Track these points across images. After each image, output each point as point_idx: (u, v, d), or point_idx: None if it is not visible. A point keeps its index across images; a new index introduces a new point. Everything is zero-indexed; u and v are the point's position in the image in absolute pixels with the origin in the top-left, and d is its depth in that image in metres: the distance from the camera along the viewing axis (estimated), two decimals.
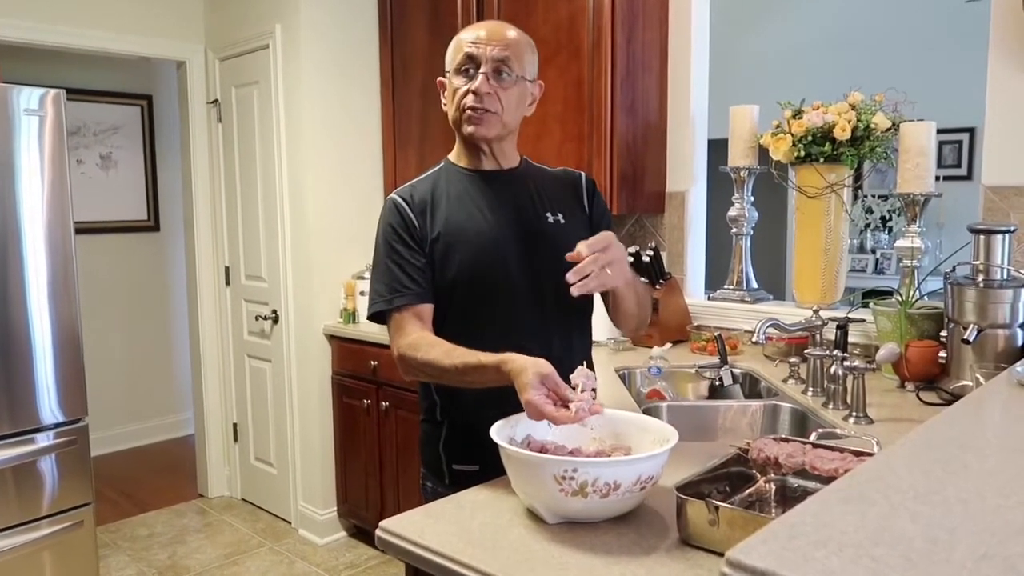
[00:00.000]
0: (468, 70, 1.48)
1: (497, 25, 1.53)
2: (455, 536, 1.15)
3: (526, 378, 1.24)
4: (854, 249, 5.80)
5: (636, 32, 2.68)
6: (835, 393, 1.81)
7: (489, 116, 1.48)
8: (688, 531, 1.10)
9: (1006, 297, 1.75)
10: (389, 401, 3.08)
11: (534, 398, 1.22)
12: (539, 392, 1.22)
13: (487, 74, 1.46)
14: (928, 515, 0.79)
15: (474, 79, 1.47)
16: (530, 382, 1.23)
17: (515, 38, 1.50)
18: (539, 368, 1.25)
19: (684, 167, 2.81)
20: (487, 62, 1.46)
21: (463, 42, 1.49)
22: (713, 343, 2.39)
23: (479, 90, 1.46)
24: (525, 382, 1.24)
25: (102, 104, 4.59)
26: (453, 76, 1.50)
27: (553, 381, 1.24)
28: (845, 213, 2.43)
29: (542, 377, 1.24)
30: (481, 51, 1.46)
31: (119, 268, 4.71)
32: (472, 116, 1.48)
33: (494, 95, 1.47)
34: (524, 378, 1.24)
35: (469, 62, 1.47)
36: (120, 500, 3.94)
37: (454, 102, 1.50)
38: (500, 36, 1.48)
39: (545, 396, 1.23)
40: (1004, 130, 2.07)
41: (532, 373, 1.24)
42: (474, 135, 1.50)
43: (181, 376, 4.83)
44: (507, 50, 1.47)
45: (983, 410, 1.24)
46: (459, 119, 1.51)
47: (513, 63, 1.48)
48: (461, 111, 1.49)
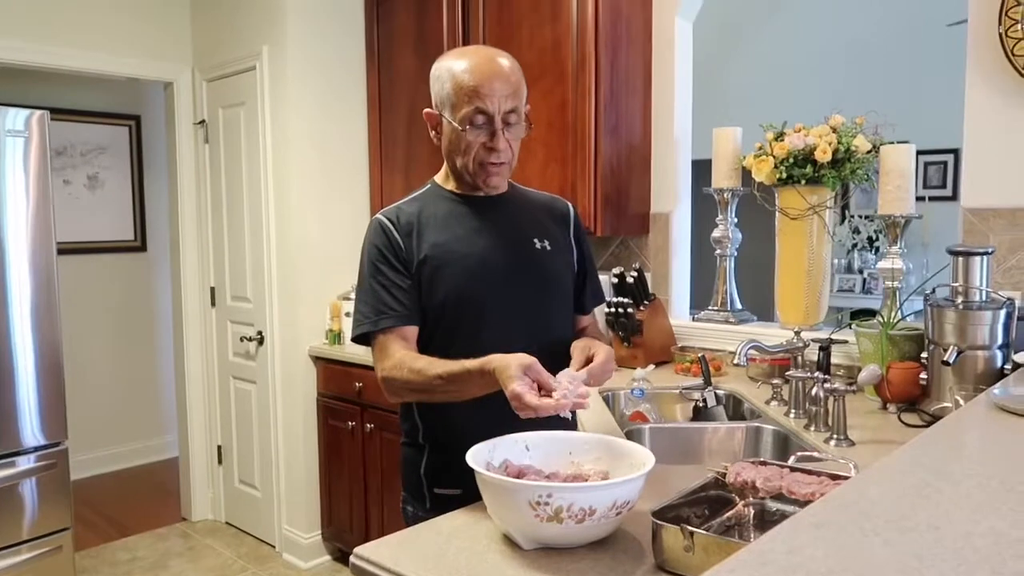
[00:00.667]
0: (480, 123, 1.44)
1: (494, 62, 1.46)
2: (430, 563, 1.13)
3: (510, 371, 1.26)
4: (842, 269, 5.83)
5: (620, 55, 2.71)
6: (816, 415, 1.81)
7: (504, 168, 1.49)
8: (663, 557, 1.09)
9: (985, 319, 1.75)
10: (374, 423, 3.06)
11: (518, 387, 1.23)
12: (523, 382, 1.24)
13: (501, 130, 1.44)
14: (899, 541, 0.79)
15: (491, 135, 1.44)
16: (514, 374, 1.25)
17: (516, 79, 1.46)
18: (521, 360, 1.27)
19: (668, 188, 2.82)
20: (499, 114, 1.43)
21: (466, 89, 1.42)
22: (697, 364, 2.39)
23: (499, 146, 1.45)
24: (509, 375, 1.26)
25: (89, 124, 4.59)
26: (467, 130, 1.44)
27: (536, 371, 1.27)
28: (827, 234, 2.44)
29: (525, 368, 1.26)
30: (492, 105, 1.42)
31: (105, 289, 4.69)
32: (492, 174, 1.48)
33: (508, 147, 1.47)
34: (507, 372, 1.26)
35: (480, 116, 1.43)
36: (102, 524, 3.89)
37: (468, 155, 1.46)
38: (505, 81, 1.43)
39: (529, 386, 1.24)
40: (982, 152, 2.09)
41: (515, 366, 1.26)
42: (489, 185, 1.50)
43: (166, 398, 4.80)
44: (515, 99, 1.45)
45: (959, 433, 1.24)
46: (474, 170, 1.48)
47: (520, 107, 1.47)
48: (479, 166, 1.47)
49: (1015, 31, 1.97)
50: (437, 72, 1.49)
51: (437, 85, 1.49)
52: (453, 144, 1.49)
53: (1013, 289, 2.02)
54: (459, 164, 1.50)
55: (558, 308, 1.59)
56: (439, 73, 1.48)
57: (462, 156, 1.48)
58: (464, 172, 1.50)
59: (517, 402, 1.24)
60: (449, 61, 1.48)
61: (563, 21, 2.68)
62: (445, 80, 1.46)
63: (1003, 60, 2.00)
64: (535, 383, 1.27)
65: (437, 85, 1.49)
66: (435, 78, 1.49)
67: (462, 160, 1.48)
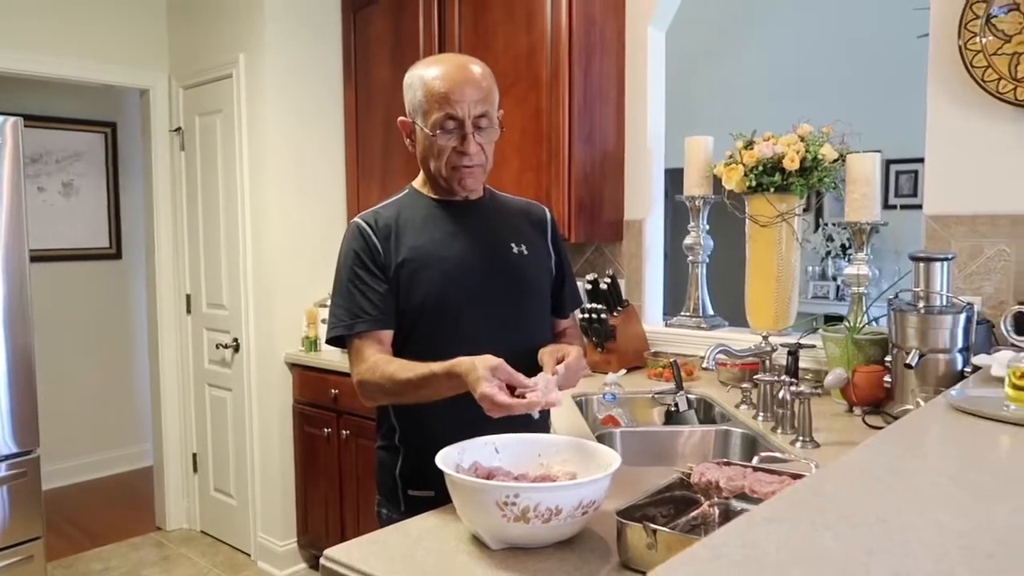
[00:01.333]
0: (451, 128, 1.46)
1: (464, 68, 1.48)
2: (400, 564, 1.15)
3: (477, 373, 1.27)
4: (816, 276, 5.91)
5: (593, 64, 2.74)
6: (783, 418, 1.84)
7: (478, 170, 1.51)
8: (628, 555, 1.11)
9: (946, 323, 1.80)
10: (350, 430, 3.06)
11: (486, 389, 1.25)
12: (491, 384, 1.26)
13: (472, 133, 1.46)
14: (849, 535, 0.81)
15: (463, 139, 1.46)
16: (482, 376, 1.26)
17: (487, 84, 1.48)
18: (487, 362, 1.28)
19: (641, 196, 2.86)
20: (468, 119, 1.45)
21: (437, 94, 1.45)
22: (669, 369, 2.42)
23: (469, 150, 1.47)
24: (476, 377, 1.27)
25: (65, 131, 4.56)
26: (438, 135, 1.46)
27: (504, 371, 1.28)
28: (796, 241, 2.48)
29: (492, 369, 1.27)
30: (461, 110, 1.44)
31: (80, 296, 4.65)
32: (465, 176, 1.50)
33: (480, 150, 1.49)
34: (474, 374, 1.28)
35: (450, 121, 1.45)
36: (75, 533, 3.84)
37: (440, 160, 1.48)
38: (474, 86, 1.46)
39: (498, 387, 1.26)
40: (943, 161, 2.15)
41: (482, 367, 1.27)
42: (464, 188, 1.52)
43: (140, 406, 4.76)
44: (485, 103, 1.47)
45: (915, 433, 1.27)
46: (448, 175, 1.50)
47: (491, 111, 1.49)
48: (452, 168, 1.49)
49: (973, 43, 2.03)
50: (409, 80, 1.52)
51: (410, 93, 1.51)
52: (426, 150, 1.51)
53: (973, 294, 2.07)
54: (433, 168, 1.52)
55: (535, 312, 1.61)
56: (411, 81, 1.51)
57: (435, 160, 1.50)
58: (439, 176, 1.52)
59: (487, 403, 1.26)
60: (420, 69, 1.50)
61: (537, 30, 2.71)
62: (417, 88, 1.49)
63: (963, 72, 2.05)
64: (504, 383, 1.28)
65: (410, 93, 1.51)
66: (407, 86, 1.52)
67: (435, 164, 1.51)
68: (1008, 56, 2.00)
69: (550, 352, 1.47)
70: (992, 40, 2.02)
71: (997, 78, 2.01)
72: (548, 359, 1.44)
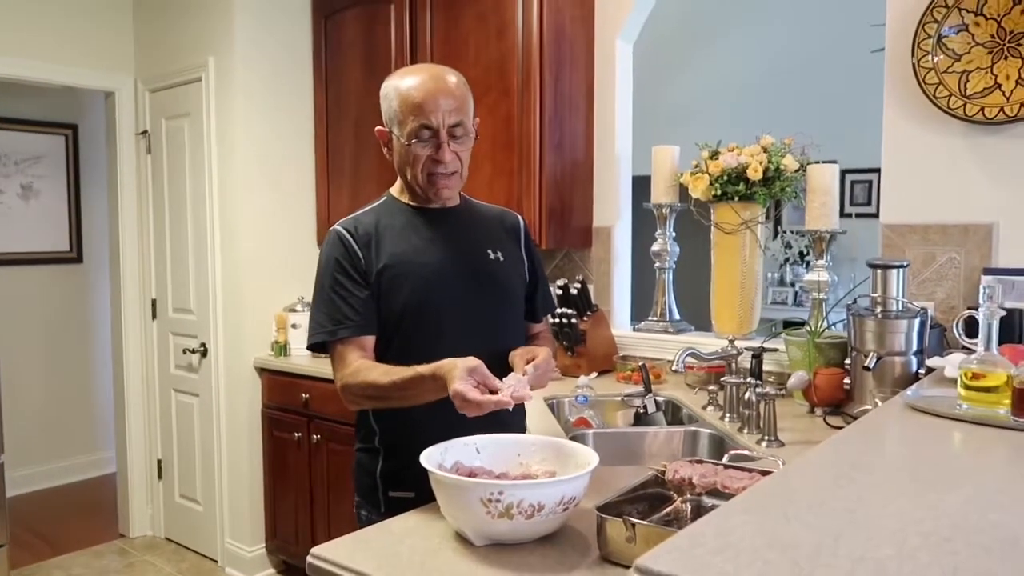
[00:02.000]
0: (426, 137, 1.49)
1: (440, 79, 1.52)
2: (386, 560, 1.18)
3: (455, 372, 1.32)
4: (775, 282, 6.06)
5: (563, 74, 2.80)
6: (749, 418, 1.91)
7: (454, 178, 1.55)
8: (608, 548, 1.16)
9: (902, 327, 1.89)
10: (321, 434, 3.07)
11: (459, 386, 1.30)
12: (466, 382, 1.31)
13: (446, 142, 1.50)
14: (816, 523, 0.87)
15: (437, 148, 1.50)
16: (458, 375, 1.31)
17: (461, 92, 1.53)
18: (467, 363, 1.34)
19: (610, 203, 2.93)
20: (443, 127, 1.49)
21: (411, 105, 1.48)
22: (638, 372, 2.48)
23: (444, 158, 1.50)
24: (453, 376, 1.32)
25: (24, 133, 4.48)
26: (413, 144, 1.50)
27: (481, 373, 1.33)
28: (759, 248, 2.57)
29: (470, 370, 1.33)
30: (436, 119, 1.48)
31: (39, 300, 4.57)
32: (441, 184, 1.54)
33: (455, 158, 1.52)
34: (453, 373, 1.33)
35: (425, 130, 1.49)
36: (35, 542, 3.77)
37: (417, 168, 1.52)
38: (449, 95, 1.50)
39: (472, 386, 1.31)
40: (898, 172, 2.25)
41: (461, 367, 1.33)
42: (440, 196, 1.57)
43: (102, 412, 4.69)
44: (459, 113, 1.51)
45: (874, 431, 1.35)
46: (424, 183, 1.54)
47: (466, 120, 1.53)
48: (427, 176, 1.53)
49: (926, 61, 2.13)
50: (385, 91, 1.55)
51: (385, 104, 1.55)
52: (403, 159, 1.55)
53: (927, 299, 2.17)
54: (410, 177, 1.56)
55: (511, 316, 1.65)
56: (387, 92, 1.55)
57: (411, 168, 1.54)
58: (415, 185, 1.56)
59: (459, 400, 1.30)
60: (396, 80, 1.55)
61: (509, 39, 2.76)
62: (392, 98, 1.53)
63: (916, 88, 2.15)
64: (480, 384, 1.33)
65: (385, 104, 1.55)
66: (384, 97, 1.56)
67: (412, 172, 1.54)
68: (958, 74, 2.10)
69: (520, 354, 1.52)
70: (943, 59, 2.12)
71: (948, 95, 2.11)
72: (518, 360, 1.49)
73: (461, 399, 1.30)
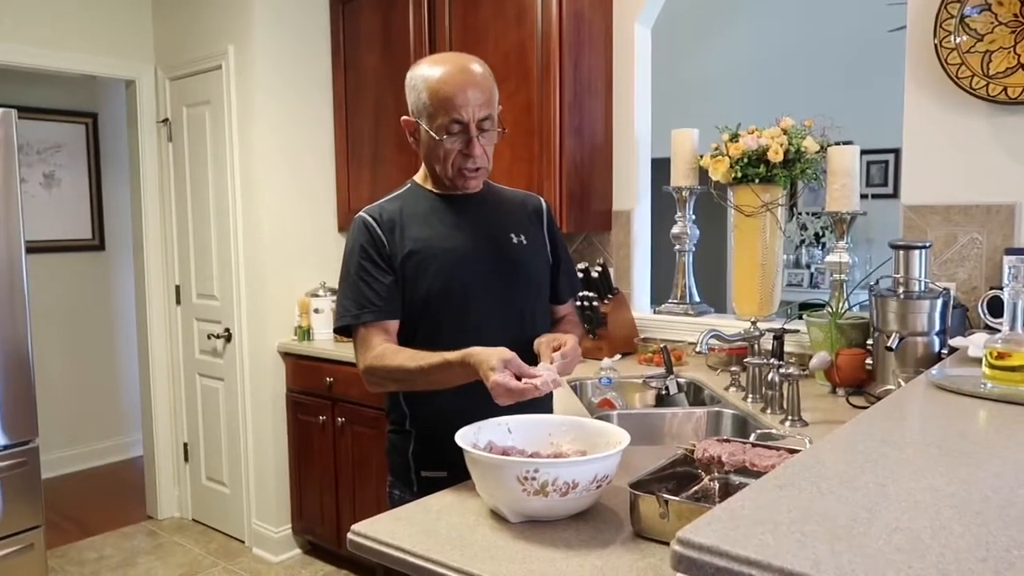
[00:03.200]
0: (456, 131, 1.51)
1: (468, 70, 1.53)
2: (424, 536, 1.22)
3: (491, 363, 1.35)
4: (790, 264, 6.05)
5: (582, 58, 2.81)
6: (772, 399, 1.94)
7: (481, 171, 1.58)
8: (641, 524, 1.19)
9: (924, 307, 1.90)
10: (345, 417, 3.12)
11: (500, 379, 1.33)
12: (504, 374, 1.33)
13: (477, 136, 1.52)
14: (850, 498, 0.90)
15: (467, 143, 1.52)
16: (495, 366, 1.34)
17: (489, 84, 1.54)
18: (501, 354, 1.37)
19: (629, 187, 2.94)
20: (473, 121, 1.51)
21: (442, 98, 1.49)
22: (659, 354, 2.51)
23: (475, 153, 1.53)
24: (490, 367, 1.35)
25: (45, 122, 4.53)
26: (444, 139, 1.52)
27: (516, 364, 1.36)
28: (779, 230, 2.58)
29: (505, 362, 1.35)
30: (467, 115, 1.50)
31: (63, 287, 4.63)
32: (469, 178, 1.56)
33: (484, 153, 1.55)
34: (487, 365, 1.36)
35: (456, 126, 1.51)
36: (66, 524, 3.86)
37: (446, 162, 1.54)
38: (478, 88, 1.51)
39: (509, 377, 1.34)
40: (920, 153, 2.25)
41: (496, 359, 1.36)
42: (468, 188, 1.59)
43: (128, 397, 4.76)
44: (488, 107, 1.52)
45: (901, 409, 1.37)
46: (453, 176, 1.56)
47: (493, 113, 1.55)
48: (457, 171, 1.55)
49: (948, 42, 2.13)
50: (412, 81, 1.56)
51: (413, 95, 1.56)
52: (431, 151, 1.57)
53: (948, 280, 2.18)
54: (439, 171, 1.58)
55: (535, 300, 1.68)
56: (415, 83, 1.55)
57: (441, 164, 1.56)
58: (444, 177, 1.59)
59: (500, 390, 1.33)
60: (423, 69, 1.55)
61: (528, 25, 2.77)
62: (421, 90, 1.53)
63: (938, 68, 2.15)
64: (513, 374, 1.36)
65: (413, 95, 1.56)
66: (411, 87, 1.56)
67: (441, 167, 1.57)
68: (980, 54, 2.10)
69: (546, 342, 1.54)
70: (966, 39, 2.12)
71: (970, 75, 2.11)
72: (545, 348, 1.52)
73: (503, 389, 1.33)
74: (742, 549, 0.76)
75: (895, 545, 0.76)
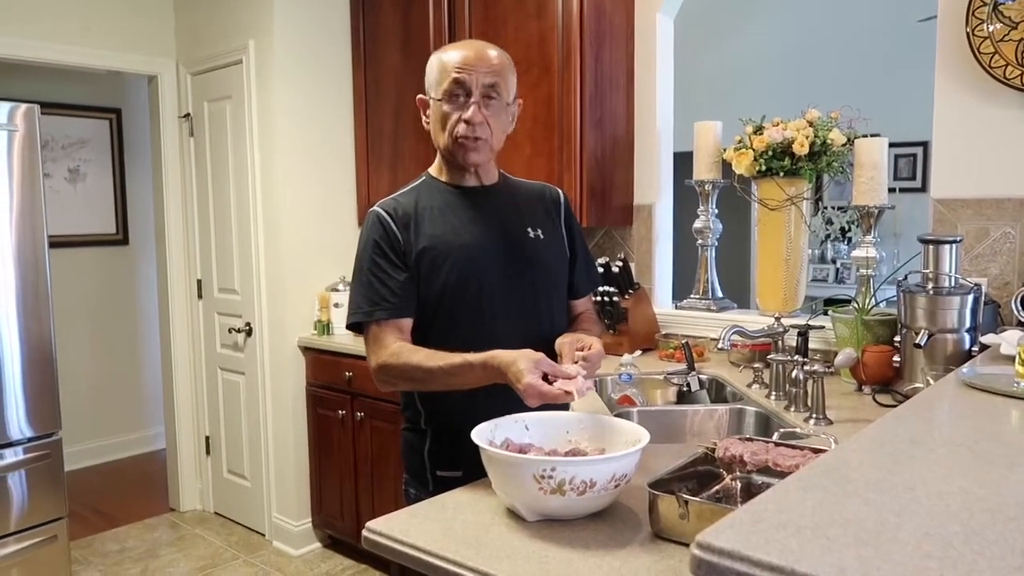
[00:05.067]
0: (458, 97, 1.50)
1: (481, 47, 1.54)
2: (439, 534, 1.20)
3: (520, 365, 1.32)
4: (815, 259, 5.97)
5: (604, 51, 2.77)
6: (796, 396, 1.90)
7: (481, 143, 1.53)
8: (660, 525, 1.17)
9: (954, 304, 1.85)
10: (364, 412, 3.11)
11: (533, 380, 1.30)
12: (535, 375, 1.30)
13: (478, 102, 1.49)
14: (878, 501, 0.87)
15: (466, 107, 1.50)
16: (526, 368, 1.31)
17: (500, 62, 1.54)
18: (530, 356, 1.34)
19: (651, 181, 2.90)
20: (476, 88, 1.49)
21: (450, 66, 1.50)
22: (680, 350, 2.47)
23: (472, 119, 1.50)
24: (520, 368, 1.32)
25: (70, 117, 4.57)
26: (443, 102, 1.52)
27: (546, 364, 1.33)
28: (804, 225, 2.53)
29: (535, 362, 1.32)
30: (471, 78, 1.49)
31: (87, 282, 4.68)
32: (466, 144, 1.52)
33: (485, 122, 1.51)
34: (518, 365, 1.32)
35: (458, 88, 1.49)
36: (90, 516, 3.90)
37: (446, 130, 1.53)
38: (487, 60, 1.51)
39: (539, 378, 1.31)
40: (950, 146, 2.20)
41: (525, 360, 1.33)
42: (467, 161, 1.55)
43: (151, 390, 4.80)
44: (495, 76, 1.51)
45: (931, 409, 1.33)
46: (451, 146, 1.54)
47: (501, 88, 1.52)
48: (454, 139, 1.52)
49: (981, 30, 2.07)
50: (429, 63, 1.58)
51: (427, 73, 1.57)
52: (436, 122, 1.55)
53: (980, 275, 2.12)
54: (441, 144, 1.56)
55: (552, 295, 1.65)
56: (430, 62, 1.57)
57: (442, 132, 1.54)
58: (445, 151, 1.56)
59: (532, 392, 1.30)
60: (440, 52, 1.57)
61: (548, 17, 2.74)
62: (433, 66, 1.56)
63: (970, 58, 2.10)
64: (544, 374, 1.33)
65: (427, 73, 1.57)
66: (428, 69, 1.58)
67: (443, 138, 1.55)
68: (1015, 43, 2.04)
69: (569, 343, 1.49)
70: (999, 27, 2.06)
71: (1004, 64, 2.05)
72: (568, 349, 1.47)
73: (536, 392, 1.29)
74: (764, 554, 0.73)
75: (925, 551, 0.73)
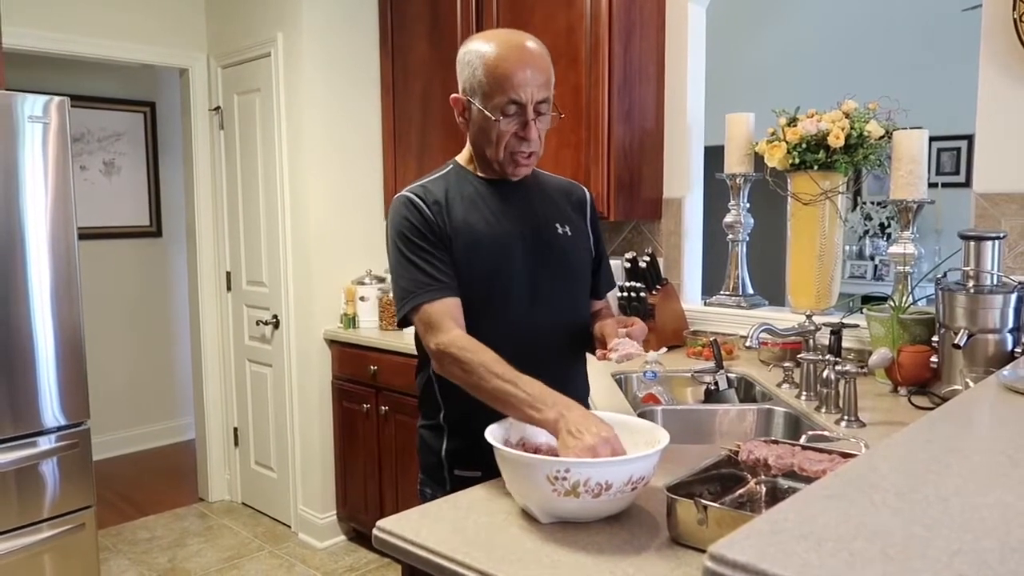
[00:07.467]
0: (512, 112, 1.43)
1: (530, 56, 1.43)
2: (451, 535, 1.17)
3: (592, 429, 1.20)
4: (853, 256, 5.83)
5: (633, 40, 2.72)
6: (828, 397, 1.83)
7: (533, 157, 1.49)
8: (678, 530, 1.12)
9: (996, 303, 1.77)
10: (388, 405, 3.10)
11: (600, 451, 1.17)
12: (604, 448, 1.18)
13: (534, 120, 1.43)
14: (908, 512, 0.81)
15: (523, 125, 1.43)
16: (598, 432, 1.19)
17: (547, 65, 1.45)
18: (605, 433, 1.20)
19: (681, 174, 2.84)
20: (531, 103, 1.42)
21: (500, 76, 1.41)
22: (709, 348, 2.41)
23: (531, 136, 1.44)
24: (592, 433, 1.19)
25: (105, 111, 4.63)
26: (500, 120, 1.43)
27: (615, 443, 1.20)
28: (839, 220, 2.45)
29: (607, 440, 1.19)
30: (527, 95, 1.41)
31: (121, 273, 4.75)
32: (519, 160, 1.48)
33: (538, 137, 1.46)
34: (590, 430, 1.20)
35: (513, 104, 1.42)
36: (120, 504, 3.96)
37: (496, 143, 1.46)
38: (537, 69, 1.42)
39: None
40: (995, 138, 2.10)
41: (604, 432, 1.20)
42: (517, 174, 1.51)
43: (182, 381, 4.86)
44: (547, 89, 1.44)
45: (969, 413, 1.26)
46: (502, 158, 1.47)
47: (550, 97, 1.46)
48: (509, 156, 1.47)
49: None
50: (467, 57, 1.46)
51: (467, 71, 1.46)
52: (483, 132, 1.47)
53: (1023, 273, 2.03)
54: (489, 154, 1.49)
55: (578, 291, 1.61)
56: (469, 58, 1.46)
57: (492, 146, 1.47)
58: (494, 160, 1.49)
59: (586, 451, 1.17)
60: (478, 45, 1.45)
61: (577, 7, 2.69)
62: (476, 66, 1.43)
63: (1017, 46, 2.00)
64: None
65: (467, 71, 1.46)
66: (464, 63, 1.47)
67: (492, 150, 1.47)
68: None
69: (611, 323, 1.52)
70: None
71: None
72: (609, 330, 1.49)
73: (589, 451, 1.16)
74: (782, 569, 0.68)
75: (957, 570, 0.68)
